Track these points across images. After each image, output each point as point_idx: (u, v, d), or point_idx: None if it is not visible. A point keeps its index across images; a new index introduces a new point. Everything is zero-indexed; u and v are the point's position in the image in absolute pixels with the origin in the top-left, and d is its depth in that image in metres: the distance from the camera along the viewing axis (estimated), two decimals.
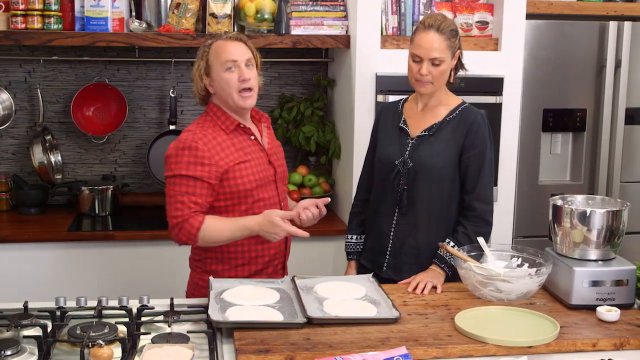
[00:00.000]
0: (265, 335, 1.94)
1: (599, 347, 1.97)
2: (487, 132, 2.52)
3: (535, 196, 3.62)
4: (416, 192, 2.52)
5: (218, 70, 2.37)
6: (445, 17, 2.48)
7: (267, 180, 2.43)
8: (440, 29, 2.43)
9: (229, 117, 2.41)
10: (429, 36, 2.43)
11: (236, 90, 2.37)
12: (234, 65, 2.36)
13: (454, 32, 2.46)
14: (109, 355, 1.79)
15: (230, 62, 2.36)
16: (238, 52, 2.37)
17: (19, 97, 3.70)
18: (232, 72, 2.36)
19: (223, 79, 2.37)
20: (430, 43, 2.42)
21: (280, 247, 2.50)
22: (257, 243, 2.43)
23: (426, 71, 2.43)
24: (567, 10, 3.66)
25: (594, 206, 2.33)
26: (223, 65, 2.36)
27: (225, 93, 2.38)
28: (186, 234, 2.29)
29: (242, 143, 2.42)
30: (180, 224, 2.29)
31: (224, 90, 2.38)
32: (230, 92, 2.37)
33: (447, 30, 2.44)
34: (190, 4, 3.40)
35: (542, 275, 2.23)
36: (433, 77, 2.45)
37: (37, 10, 3.29)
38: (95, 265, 3.26)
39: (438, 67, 2.44)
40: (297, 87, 3.93)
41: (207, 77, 2.40)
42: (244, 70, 2.36)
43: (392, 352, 1.81)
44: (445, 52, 2.44)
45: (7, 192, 3.64)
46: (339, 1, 3.50)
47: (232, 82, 2.36)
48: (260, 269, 2.47)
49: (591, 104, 3.66)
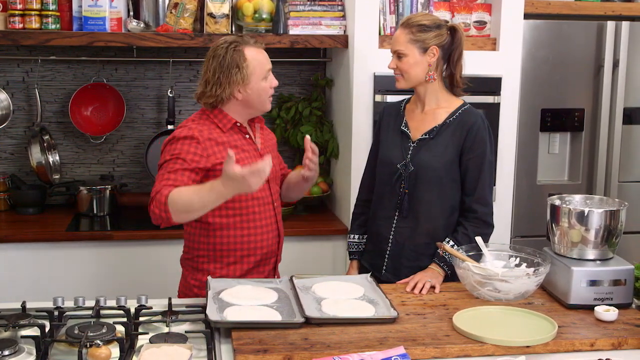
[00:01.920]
0: (263, 335, 1.94)
1: (597, 346, 1.97)
2: (487, 134, 2.52)
3: (533, 196, 3.62)
4: (417, 195, 2.52)
5: (257, 80, 2.38)
6: (422, 14, 2.58)
7: None
8: (407, 23, 2.49)
9: (226, 116, 2.42)
10: (397, 32, 2.52)
11: (268, 97, 2.43)
12: (268, 73, 2.41)
13: (422, 27, 2.46)
14: (107, 355, 1.79)
15: (268, 72, 2.41)
16: (269, 60, 2.43)
17: (17, 97, 3.70)
18: (266, 80, 2.40)
19: (261, 88, 2.39)
20: (395, 37, 2.52)
21: (271, 248, 2.50)
22: (249, 242, 2.43)
23: (393, 65, 2.52)
24: (565, 10, 3.66)
25: (591, 206, 2.33)
26: (263, 75, 2.39)
27: (260, 100, 2.41)
28: (157, 204, 2.22)
29: (237, 142, 2.43)
30: (152, 197, 2.25)
31: (260, 97, 2.41)
32: (265, 99, 2.42)
33: (414, 25, 2.46)
34: (188, 3, 3.40)
35: (540, 275, 2.23)
36: (401, 70, 2.51)
37: (34, 10, 3.29)
38: (93, 265, 3.26)
39: (401, 61, 2.49)
40: (295, 86, 3.94)
41: (244, 85, 2.37)
42: (273, 77, 2.43)
43: (390, 352, 1.81)
44: (407, 45, 2.47)
45: (5, 192, 3.63)
46: (337, 1, 3.50)
47: (267, 90, 2.41)
48: (252, 268, 2.47)
49: (589, 104, 3.66)
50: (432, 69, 2.49)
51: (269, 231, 2.48)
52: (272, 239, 2.49)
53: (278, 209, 2.53)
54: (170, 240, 3.22)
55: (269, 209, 2.48)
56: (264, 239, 2.46)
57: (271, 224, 2.48)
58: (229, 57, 2.35)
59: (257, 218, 2.44)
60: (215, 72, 2.36)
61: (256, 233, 2.45)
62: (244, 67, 2.34)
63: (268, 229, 2.47)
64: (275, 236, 2.50)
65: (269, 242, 2.47)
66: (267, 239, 2.47)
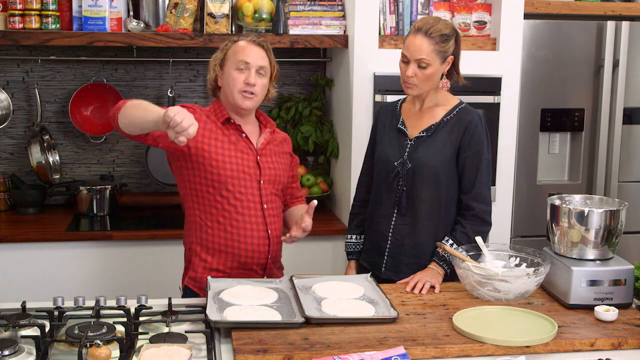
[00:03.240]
0: (263, 335, 1.94)
1: (597, 346, 1.97)
2: (484, 132, 2.52)
3: (533, 196, 3.62)
4: (415, 193, 2.53)
5: (230, 67, 2.44)
6: (438, 21, 2.47)
7: (248, 175, 2.44)
8: (428, 32, 2.44)
9: (221, 109, 2.48)
10: (417, 39, 2.45)
11: (238, 90, 2.43)
12: (245, 67, 2.42)
13: (444, 37, 2.45)
14: (106, 355, 1.78)
15: (242, 63, 2.42)
16: (254, 57, 2.43)
17: (17, 97, 3.70)
18: (241, 72, 2.42)
19: (231, 76, 2.43)
20: (417, 46, 2.44)
21: (260, 248, 2.47)
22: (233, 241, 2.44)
23: (412, 73, 2.46)
24: (565, 10, 3.66)
25: (591, 206, 2.33)
26: (236, 63, 2.42)
27: (228, 89, 2.45)
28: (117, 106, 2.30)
29: (232, 137, 2.47)
30: None
31: (228, 86, 2.45)
32: (232, 89, 2.43)
33: (437, 35, 2.44)
34: (188, 3, 3.40)
35: (540, 275, 2.23)
36: (418, 80, 2.46)
37: (34, 10, 3.29)
38: (93, 265, 3.25)
39: (424, 70, 2.45)
40: (295, 86, 3.94)
41: (221, 69, 2.47)
42: (252, 75, 2.42)
43: (390, 351, 1.81)
44: (432, 55, 2.44)
45: (5, 192, 3.63)
46: (337, 1, 3.50)
47: (237, 81, 2.42)
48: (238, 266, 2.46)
49: (589, 104, 3.66)
50: (444, 76, 2.51)
51: (256, 231, 2.45)
52: (260, 240, 2.46)
53: (270, 211, 2.49)
54: (171, 240, 3.22)
55: (257, 208, 2.46)
56: (247, 242, 2.44)
57: (258, 224, 2.46)
58: (223, 44, 2.49)
59: (240, 219, 2.43)
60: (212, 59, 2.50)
61: (239, 234, 2.43)
62: (225, 53, 2.46)
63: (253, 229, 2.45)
64: (264, 237, 2.46)
65: (253, 242, 2.45)
66: (252, 241, 2.45)
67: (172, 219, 3.44)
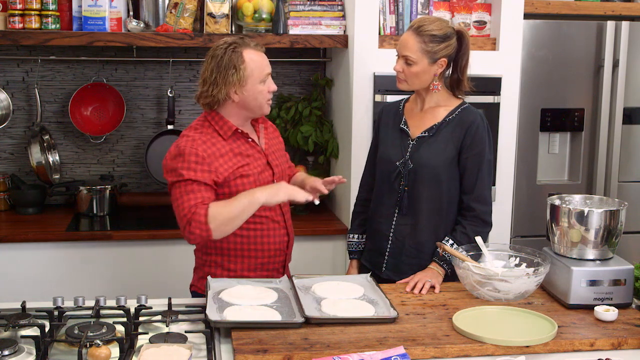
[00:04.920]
0: (263, 335, 1.94)
1: (596, 346, 1.97)
2: (486, 133, 2.52)
3: (533, 196, 3.62)
4: (416, 193, 2.52)
5: (254, 82, 2.37)
6: (433, 22, 2.47)
7: (264, 182, 2.43)
8: (418, 30, 2.45)
9: (226, 123, 2.41)
10: (406, 35, 2.48)
11: (266, 100, 2.42)
12: (267, 77, 2.41)
13: (434, 38, 2.44)
14: (106, 355, 1.79)
15: (266, 76, 2.40)
16: (268, 64, 2.42)
17: (17, 96, 3.70)
18: (264, 83, 2.40)
19: (257, 90, 2.38)
20: (404, 41, 2.47)
21: (279, 246, 2.49)
22: (255, 243, 2.43)
23: (399, 68, 2.50)
24: (564, 10, 3.66)
25: (591, 206, 2.33)
26: (262, 78, 2.38)
27: (256, 103, 2.40)
28: (197, 225, 2.24)
29: (240, 147, 2.42)
30: (189, 218, 2.26)
31: (256, 100, 2.40)
32: (262, 102, 2.41)
33: (426, 34, 2.43)
34: (188, 3, 3.40)
35: (539, 275, 2.23)
36: (406, 76, 2.49)
37: (34, 10, 3.29)
38: (93, 265, 3.25)
39: (410, 67, 2.47)
40: (295, 86, 3.94)
41: (242, 87, 2.37)
42: (272, 82, 2.43)
43: (390, 351, 1.81)
44: (418, 54, 2.44)
45: (5, 192, 3.63)
46: (337, 1, 3.50)
47: (264, 93, 2.40)
48: (258, 267, 2.47)
49: (589, 104, 3.66)
50: (437, 79, 2.51)
51: (277, 230, 2.48)
52: (280, 237, 2.48)
53: (286, 208, 2.53)
54: (170, 240, 3.23)
55: (274, 208, 2.47)
56: (270, 242, 2.46)
57: (277, 222, 2.48)
58: (227, 57, 2.34)
59: (264, 221, 2.44)
60: (213, 72, 2.36)
61: (262, 235, 2.45)
62: (241, 69, 2.34)
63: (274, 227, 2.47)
64: (283, 234, 2.50)
65: (275, 240, 2.47)
66: (275, 240, 2.47)
67: (172, 219, 3.41)
